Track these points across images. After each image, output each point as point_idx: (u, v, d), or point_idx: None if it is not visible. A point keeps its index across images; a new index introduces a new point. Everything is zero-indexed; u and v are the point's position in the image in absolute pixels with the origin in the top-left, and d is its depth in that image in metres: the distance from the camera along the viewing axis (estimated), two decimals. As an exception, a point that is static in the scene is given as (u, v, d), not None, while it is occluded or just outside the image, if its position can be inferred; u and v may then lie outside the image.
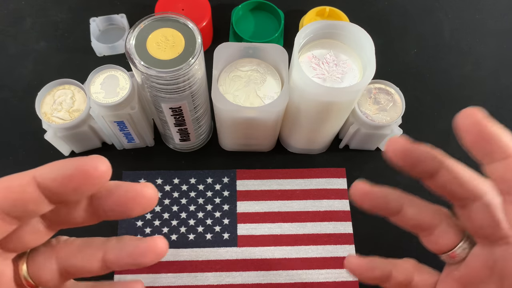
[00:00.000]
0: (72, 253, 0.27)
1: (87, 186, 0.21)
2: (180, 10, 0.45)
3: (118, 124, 0.38)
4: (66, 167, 0.21)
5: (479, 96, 0.47)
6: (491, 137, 0.23)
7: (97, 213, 0.25)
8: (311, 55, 0.35)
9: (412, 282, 0.32)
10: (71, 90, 0.38)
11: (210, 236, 0.39)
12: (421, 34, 0.51)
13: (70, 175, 0.21)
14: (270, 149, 0.44)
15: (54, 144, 0.39)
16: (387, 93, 0.40)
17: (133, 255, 0.26)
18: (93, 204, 0.24)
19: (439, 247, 0.30)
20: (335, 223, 0.40)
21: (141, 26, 0.31)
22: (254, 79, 0.37)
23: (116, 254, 0.27)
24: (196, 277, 0.38)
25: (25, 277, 0.27)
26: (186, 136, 0.40)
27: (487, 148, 0.23)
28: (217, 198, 0.41)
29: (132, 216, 0.24)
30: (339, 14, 0.47)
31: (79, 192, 0.22)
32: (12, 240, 0.25)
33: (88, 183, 0.21)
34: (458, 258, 0.30)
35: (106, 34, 0.48)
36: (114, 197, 0.24)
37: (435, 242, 0.30)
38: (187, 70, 0.30)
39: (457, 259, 0.30)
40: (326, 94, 0.33)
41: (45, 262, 0.27)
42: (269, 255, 0.39)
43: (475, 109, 0.23)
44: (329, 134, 0.41)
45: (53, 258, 0.27)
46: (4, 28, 0.48)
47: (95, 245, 0.27)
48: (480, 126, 0.23)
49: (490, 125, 0.23)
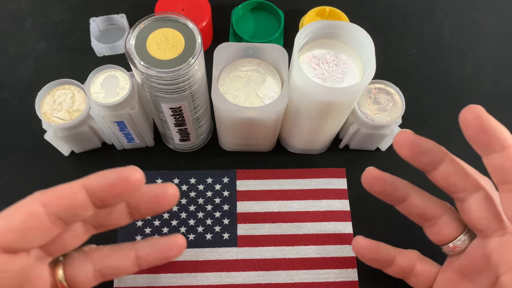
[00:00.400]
0: (106, 255, 0.31)
1: (127, 191, 0.25)
2: (180, 10, 0.45)
3: (118, 124, 0.38)
4: (110, 176, 0.25)
5: (479, 96, 0.47)
6: (490, 130, 0.25)
7: (132, 214, 0.30)
8: (311, 55, 0.35)
9: (414, 270, 0.34)
10: (71, 90, 0.39)
11: (210, 236, 0.39)
12: (421, 34, 0.51)
13: (114, 183, 0.25)
14: (270, 149, 0.44)
15: (54, 144, 0.39)
16: (387, 93, 0.40)
17: (163, 250, 0.31)
18: (129, 206, 0.29)
19: (441, 238, 0.32)
20: (335, 223, 0.40)
21: (141, 26, 0.31)
22: (254, 79, 0.37)
23: (147, 251, 0.32)
24: (196, 277, 0.38)
25: (60, 281, 0.30)
26: (186, 136, 0.40)
27: (486, 140, 0.26)
28: (217, 198, 0.41)
29: (162, 211, 0.29)
30: (339, 14, 0.47)
31: (121, 196, 0.26)
32: (54, 243, 0.28)
33: (128, 189, 0.25)
34: (459, 249, 0.31)
35: (106, 34, 0.48)
36: (147, 197, 0.29)
37: (438, 233, 0.32)
38: (187, 70, 0.30)
39: (457, 251, 0.31)
40: (326, 94, 0.33)
41: (81, 266, 0.30)
42: (269, 255, 0.39)
43: (477, 106, 0.25)
44: (329, 134, 0.41)
45: (88, 262, 0.31)
46: (4, 28, 0.48)
47: (126, 246, 0.32)
48: (480, 119, 0.25)
49: (490, 119, 0.25)
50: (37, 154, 0.42)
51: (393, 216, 0.39)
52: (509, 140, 0.25)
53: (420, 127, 0.45)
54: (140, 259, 0.32)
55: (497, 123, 0.25)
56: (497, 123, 0.25)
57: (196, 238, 0.39)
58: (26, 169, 0.41)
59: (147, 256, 0.32)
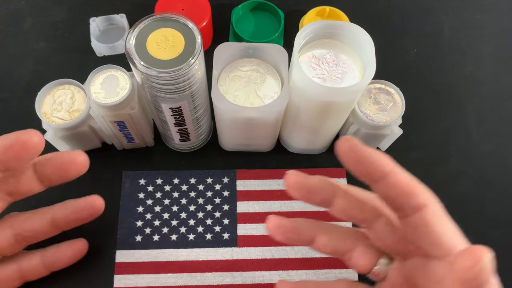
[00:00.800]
0: (24, 220, 0.33)
1: (24, 154, 0.27)
2: (180, 10, 0.45)
3: (118, 124, 0.38)
4: (8, 138, 0.27)
5: (479, 96, 0.47)
6: (364, 160, 0.25)
7: (41, 180, 0.30)
8: (311, 55, 0.35)
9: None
10: (71, 90, 0.39)
11: (210, 236, 0.39)
12: (421, 34, 0.51)
13: (11, 144, 0.27)
14: (270, 149, 0.44)
15: (54, 144, 0.39)
16: (387, 93, 0.40)
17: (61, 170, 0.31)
18: (37, 172, 0.30)
19: (361, 267, 0.31)
20: (335, 223, 0.40)
21: (141, 26, 0.31)
22: (254, 79, 0.37)
23: (62, 212, 0.33)
24: (196, 277, 0.38)
25: None
26: (186, 136, 0.40)
27: (364, 170, 0.25)
28: (217, 198, 0.41)
29: (70, 178, 0.30)
30: (339, 14, 0.47)
31: (20, 159, 0.27)
32: None
33: (26, 151, 0.27)
34: (382, 275, 0.30)
35: (106, 34, 0.48)
36: (53, 163, 0.30)
37: (356, 264, 0.31)
38: (187, 70, 0.30)
39: (381, 276, 0.31)
40: (326, 94, 0.33)
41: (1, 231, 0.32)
42: (269, 255, 0.39)
43: (350, 137, 0.25)
44: (329, 134, 0.41)
45: (6, 227, 0.32)
46: (4, 28, 0.48)
47: (43, 211, 0.33)
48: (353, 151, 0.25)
49: (363, 150, 0.25)
50: (37, 154, 0.42)
51: (393, 216, 0.39)
52: (387, 167, 0.25)
53: (420, 127, 0.45)
54: (57, 221, 0.33)
55: (373, 151, 0.25)
56: (372, 152, 0.25)
57: (196, 238, 0.39)
58: (26, 169, 0.41)
59: (63, 217, 0.33)
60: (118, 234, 0.39)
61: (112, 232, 0.39)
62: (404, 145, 0.44)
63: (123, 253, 0.38)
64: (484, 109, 0.46)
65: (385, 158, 0.25)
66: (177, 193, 0.41)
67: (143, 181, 0.41)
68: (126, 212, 0.40)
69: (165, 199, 0.41)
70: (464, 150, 0.45)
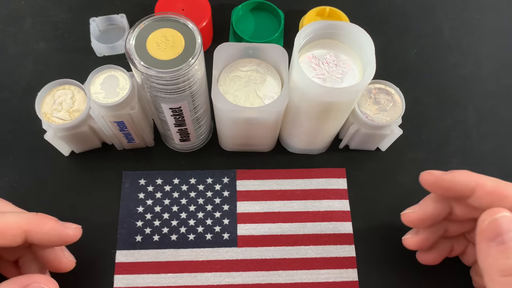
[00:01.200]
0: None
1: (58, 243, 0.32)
2: (180, 10, 0.45)
3: (118, 124, 0.38)
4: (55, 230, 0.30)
5: (479, 96, 0.47)
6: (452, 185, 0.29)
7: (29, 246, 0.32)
8: (311, 55, 0.35)
9: None
10: (71, 90, 0.39)
11: (210, 236, 0.39)
12: (421, 34, 0.51)
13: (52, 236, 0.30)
14: (270, 149, 0.44)
15: (54, 144, 0.39)
16: (387, 93, 0.40)
17: None
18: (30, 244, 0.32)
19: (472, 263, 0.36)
20: (335, 223, 0.40)
21: (141, 26, 0.31)
22: (254, 79, 0.37)
23: None
24: (196, 277, 0.38)
25: None
26: (186, 136, 0.40)
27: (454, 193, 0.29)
28: (217, 198, 0.41)
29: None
30: (339, 14, 0.47)
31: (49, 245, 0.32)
32: None
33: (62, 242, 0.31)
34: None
35: (106, 34, 0.48)
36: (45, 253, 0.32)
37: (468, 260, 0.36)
38: (187, 70, 0.30)
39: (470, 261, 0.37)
40: (326, 94, 0.33)
41: None
42: (269, 255, 0.39)
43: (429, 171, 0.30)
44: (329, 134, 0.41)
45: None
46: (4, 28, 0.48)
47: None
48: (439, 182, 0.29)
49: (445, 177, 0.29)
50: (37, 154, 0.42)
51: (393, 216, 0.39)
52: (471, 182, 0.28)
53: (420, 127, 0.45)
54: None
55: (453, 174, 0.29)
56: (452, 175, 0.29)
57: (196, 238, 0.39)
58: (26, 169, 0.41)
59: None
60: (118, 234, 0.39)
61: (112, 232, 0.39)
62: (404, 145, 0.44)
63: (123, 253, 0.38)
64: (484, 109, 0.46)
65: (466, 175, 0.29)
66: (177, 193, 0.41)
67: (143, 181, 0.41)
68: (126, 212, 0.40)
69: (165, 199, 0.41)
70: (464, 150, 0.45)
